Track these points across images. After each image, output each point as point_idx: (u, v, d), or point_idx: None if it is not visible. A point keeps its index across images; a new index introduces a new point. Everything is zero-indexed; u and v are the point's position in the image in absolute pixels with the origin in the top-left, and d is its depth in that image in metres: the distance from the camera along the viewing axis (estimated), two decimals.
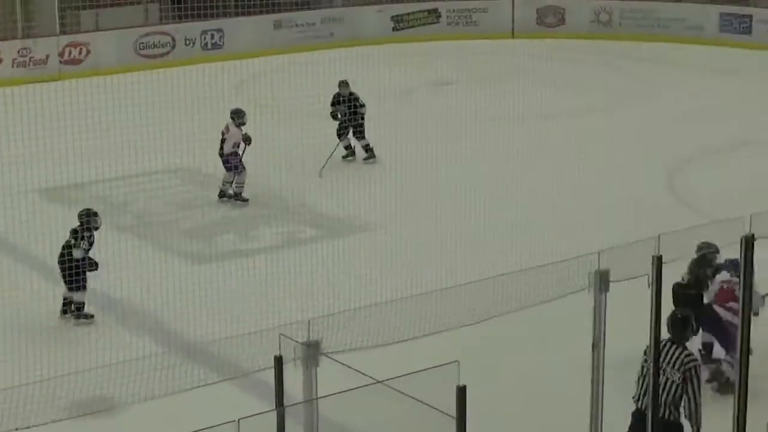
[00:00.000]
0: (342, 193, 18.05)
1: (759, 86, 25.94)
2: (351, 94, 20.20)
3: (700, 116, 23.40)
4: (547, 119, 22.68)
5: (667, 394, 9.24)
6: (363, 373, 6.99)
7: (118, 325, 13.45)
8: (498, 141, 20.61)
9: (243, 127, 18.36)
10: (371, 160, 20.45)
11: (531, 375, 11.75)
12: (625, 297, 8.94)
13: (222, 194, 18.38)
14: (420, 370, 6.74)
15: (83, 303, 13.79)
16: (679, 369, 9.25)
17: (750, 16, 31.55)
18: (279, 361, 7.30)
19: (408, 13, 33.05)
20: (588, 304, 8.90)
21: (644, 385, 9.17)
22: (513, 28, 33.21)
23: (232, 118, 18.42)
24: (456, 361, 6.67)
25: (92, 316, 13.74)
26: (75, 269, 13.68)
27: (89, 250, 13.87)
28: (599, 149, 20.94)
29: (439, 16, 33.37)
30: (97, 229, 14.11)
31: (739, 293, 9.31)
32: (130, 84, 21.98)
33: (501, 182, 18.31)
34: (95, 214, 14.18)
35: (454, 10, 33.52)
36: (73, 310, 13.79)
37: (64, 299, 13.87)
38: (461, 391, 6.75)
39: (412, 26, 32.94)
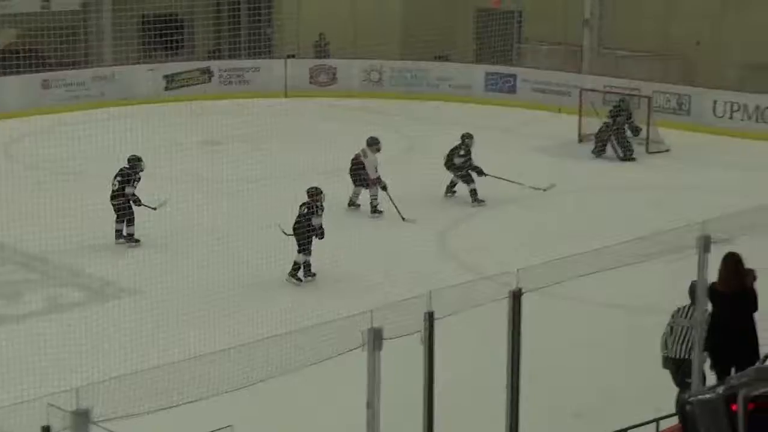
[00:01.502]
0: (107, 255, 17.80)
1: (520, 140, 26.72)
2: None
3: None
4: (327, 176, 22.86)
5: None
6: None
7: None
8: (266, 200, 20.61)
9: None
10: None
11: None
12: (399, 354, 9.06)
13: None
14: None
15: None
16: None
17: (514, 75, 32.61)
18: None
19: (180, 72, 32.91)
20: (363, 363, 8.97)
21: (677, 338, 11.87)
22: (286, 87, 33.41)
23: None
24: (230, 425, 6.63)
25: None
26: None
27: None
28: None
29: (212, 75, 33.34)
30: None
31: None
32: None
33: (268, 241, 18.25)
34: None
35: (226, 70, 33.56)
36: None
37: None
38: None
39: (185, 85, 32.81)
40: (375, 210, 21.08)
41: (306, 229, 17.31)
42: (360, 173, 20.96)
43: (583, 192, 22.96)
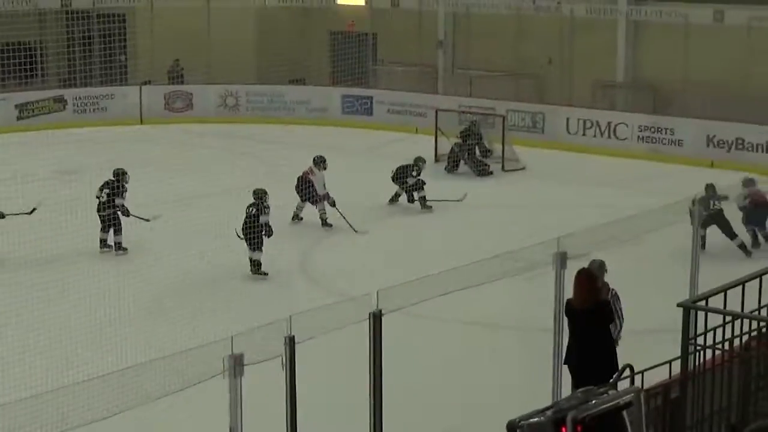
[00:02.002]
0: None
1: (379, 161, 26.83)
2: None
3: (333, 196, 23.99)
4: (183, 204, 22.71)
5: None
6: None
7: None
8: (133, 225, 20.41)
9: None
10: None
11: None
12: (261, 379, 9.04)
13: None
14: None
15: None
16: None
17: (370, 98, 32.83)
18: None
19: (33, 102, 32.36)
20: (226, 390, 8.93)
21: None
22: (141, 114, 33.08)
23: None
24: None
25: None
26: None
27: None
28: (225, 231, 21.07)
29: (66, 103, 32.85)
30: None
31: None
32: None
33: (119, 272, 18.05)
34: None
35: (80, 98, 33.10)
36: None
37: None
38: None
39: (38, 114, 32.26)
40: (325, 223, 21.87)
41: (255, 228, 18.71)
42: (309, 189, 21.73)
43: (440, 211, 23.16)
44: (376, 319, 9.89)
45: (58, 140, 27.79)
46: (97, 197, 20.26)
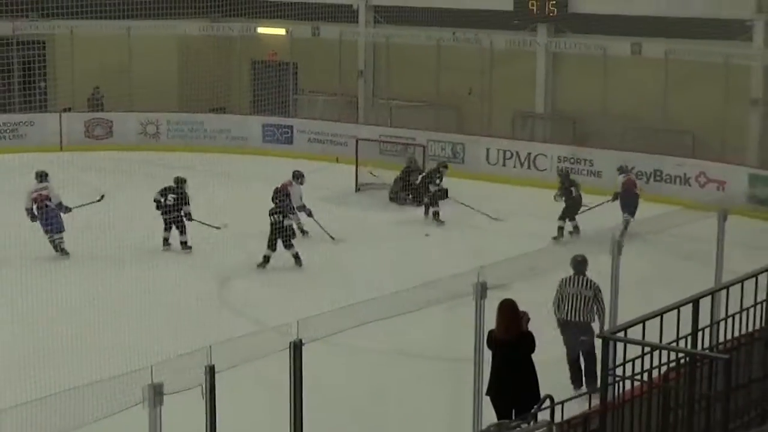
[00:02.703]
0: None
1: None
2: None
3: (249, 226, 23.90)
4: (101, 230, 22.54)
5: (584, 305, 14.48)
6: None
7: None
8: (43, 256, 20.21)
9: None
10: None
11: None
12: (182, 409, 8.98)
13: None
14: None
15: None
16: (590, 288, 14.52)
17: (291, 127, 32.83)
18: None
19: None
20: (145, 419, 8.85)
21: (564, 305, 14.60)
22: (61, 141, 32.76)
23: None
24: None
25: None
26: None
27: None
28: (152, 262, 20.95)
29: None
30: None
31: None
32: None
33: (48, 301, 17.84)
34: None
35: None
36: None
37: None
38: None
39: None
40: (303, 231, 23.32)
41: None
42: (285, 200, 22.33)
43: (362, 240, 23.19)
44: (297, 348, 9.86)
45: None
46: (157, 201, 22.46)
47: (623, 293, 13.49)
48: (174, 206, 22.41)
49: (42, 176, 22.46)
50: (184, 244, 22.37)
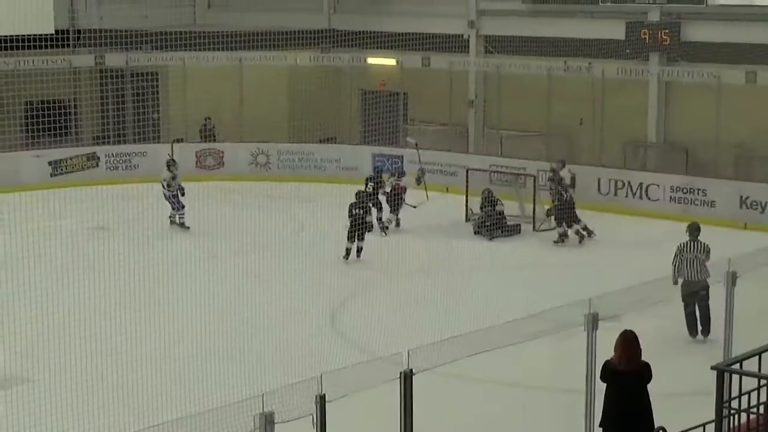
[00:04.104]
0: None
1: (408, 219, 26.82)
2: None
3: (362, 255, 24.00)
4: (213, 260, 22.81)
5: (701, 265, 17.84)
6: None
7: None
8: (155, 285, 20.46)
9: None
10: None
11: None
12: None
13: None
14: None
15: None
16: (703, 252, 18.15)
17: (401, 156, 32.85)
18: None
19: (66, 159, 32.58)
20: None
21: (683, 267, 17.97)
22: None
23: None
24: None
25: None
26: None
27: None
28: (267, 289, 21.11)
29: (98, 160, 33.05)
30: None
31: None
32: None
33: (161, 327, 18.06)
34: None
35: (113, 155, 33.31)
36: None
37: None
38: None
39: (71, 171, 32.46)
40: (384, 228, 26.10)
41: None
42: (399, 198, 25.73)
43: (474, 270, 23.11)
44: (407, 378, 9.84)
45: (90, 197, 27.98)
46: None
47: (737, 324, 13.25)
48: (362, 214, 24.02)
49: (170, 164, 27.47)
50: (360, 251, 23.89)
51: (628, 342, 11.55)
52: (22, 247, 21.03)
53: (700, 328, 17.90)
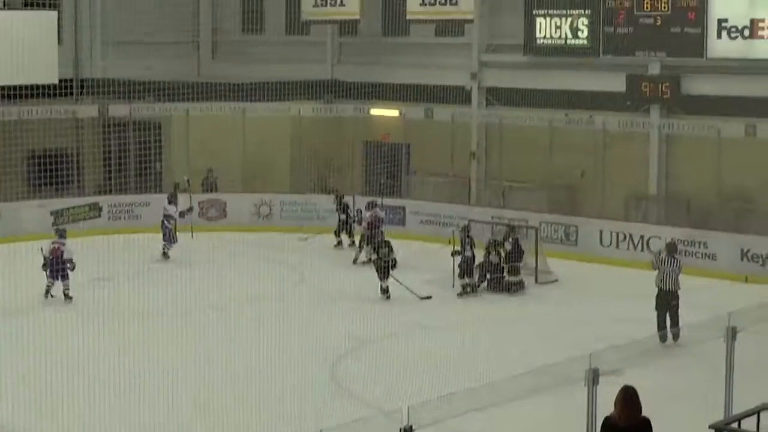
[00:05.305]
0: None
1: (413, 272, 26.79)
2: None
3: (362, 307, 23.99)
4: (215, 310, 22.83)
5: (676, 278, 21.47)
6: None
7: None
8: (166, 333, 20.50)
9: None
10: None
11: None
12: None
13: None
14: None
15: None
16: (679, 267, 21.71)
17: (403, 208, 32.95)
18: None
19: (69, 208, 32.62)
20: None
21: (663, 278, 21.49)
22: (176, 222, 33.19)
23: None
24: None
25: None
26: None
27: None
28: (262, 339, 21.08)
29: (101, 209, 33.11)
30: None
31: None
32: None
33: (171, 372, 18.10)
34: None
35: (115, 204, 33.40)
36: None
37: None
38: None
39: (74, 221, 32.46)
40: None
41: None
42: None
43: (473, 325, 23.08)
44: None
45: (93, 246, 28.02)
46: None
47: (737, 379, 13.24)
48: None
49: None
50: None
51: (629, 398, 11.53)
52: (24, 297, 21.02)
53: (670, 335, 19.70)
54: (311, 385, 18.55)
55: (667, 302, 21.57)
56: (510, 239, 26.52)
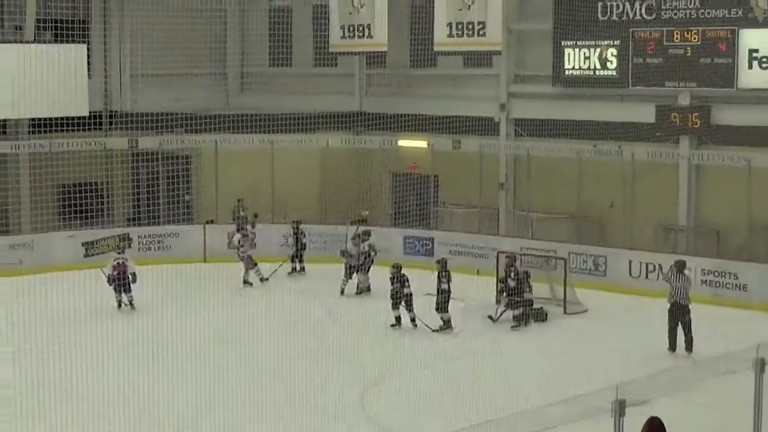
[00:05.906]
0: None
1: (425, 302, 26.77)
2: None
3: (391, 334, 24.01)
4: (239, 343, 22.87)
5: (686, 293, 23.16)
6: None
7: None
8: (195, 365, 20.56)
9: None
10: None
11: None
12: None
13: None
14: None
15: None
16: (688, 282, 23.43)
17: (432, 239, 32.94)
18: None
19: (100, 239, 32.80)
20: None
21: (674, 293, 23.21)
22: (205, 252, 33.46)
23: None
24: None
25: None
26: None
27: None
28: (295, 370, 21.14)
29: (131, 241, 33.25)
30: None
31: None
32: None
33: (187, 400, 18.11)
34: None
35: (146, 236, 33.56)
36: None
37: None
38: None
39: (104, 252, 32.61)
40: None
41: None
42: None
43: (501, 355, 23.04)
44: None
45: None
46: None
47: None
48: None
49: None
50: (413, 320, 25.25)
51: (655, 429, 11.47)
52: (53, 328, 21.08)
53: (684, 345, 22.26)
54: (336, 416, 18.56)
55: (680, 316, 23.04)
56: (512, 275, 26.28)
